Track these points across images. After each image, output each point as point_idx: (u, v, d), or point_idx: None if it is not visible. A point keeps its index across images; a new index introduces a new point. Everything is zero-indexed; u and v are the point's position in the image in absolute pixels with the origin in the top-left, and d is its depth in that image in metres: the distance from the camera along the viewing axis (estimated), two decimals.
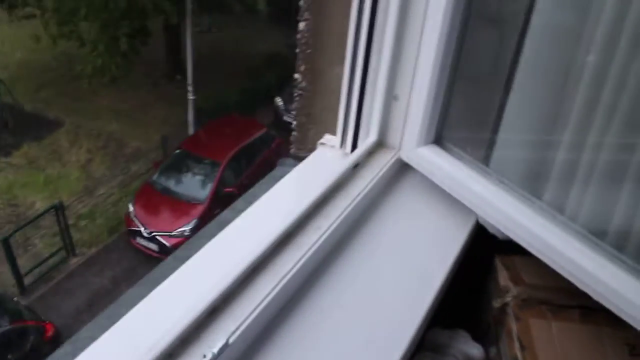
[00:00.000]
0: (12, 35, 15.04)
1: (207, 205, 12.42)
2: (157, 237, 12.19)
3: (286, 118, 16.23)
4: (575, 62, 1.27)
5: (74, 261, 12.69)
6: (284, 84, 16.91)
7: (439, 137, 1.50)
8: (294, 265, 1.12)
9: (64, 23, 13.74)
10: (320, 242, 1.19)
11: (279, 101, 16.53)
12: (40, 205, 13.76)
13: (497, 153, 1.47)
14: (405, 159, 1.52)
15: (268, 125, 15.18)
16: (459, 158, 1.48)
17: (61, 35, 13.99)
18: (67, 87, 17.80)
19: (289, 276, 1.10)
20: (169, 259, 1.59)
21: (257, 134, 14.27)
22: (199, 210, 12.38)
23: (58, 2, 13.24)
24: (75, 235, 12.87)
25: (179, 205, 12.58)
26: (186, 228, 12.13)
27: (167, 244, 12.10)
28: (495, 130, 1.49)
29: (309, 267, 1.17)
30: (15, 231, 11.95)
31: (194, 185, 12.90)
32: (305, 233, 1.21)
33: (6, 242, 11.25)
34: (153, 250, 12.36)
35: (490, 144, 1.50)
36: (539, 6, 1.31)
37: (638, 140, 1.21)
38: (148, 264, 12.35)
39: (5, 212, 13.84)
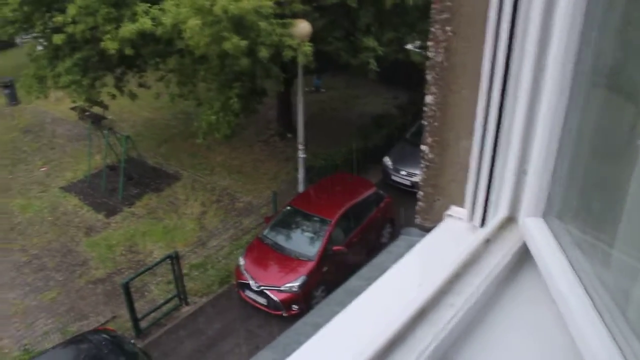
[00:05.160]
0: (140, 96, 16.26)
1: (316, 262, 12.52)
2: (266, 291, 12.38)
3: (394, 178, 16.28)
4: None
5: (185, 309, 13.14)
6: (393, 144, 17.03)
7: (569, 213, 1.47)
8: (430, 343, 1.13)
9: (184, 84, 14.67)
10: (455, 319, 1.20)
11: (387, 161, 16.62)
12: (157, 254, 14.49)
13: (625, 227, 1.42)
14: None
15: (376, 185, 15.24)
16: (586, 232, 1.44)
17: (180, 95, 14.93)
18: (185, 144, 18.88)
19: (425, 354, 1.11)
20: (299, 324, 1.64)
21: (367, 193, 14.33)
22: (307, 267, 12.49)
23: (180, 64, 14.17)
24: (188, 284, 13.37)
25: (288, 261, 12.76)
26: (294, 284, 12.26)
27: (275, 298, 12.27)
28: (621, 202, 1.44)
29: (444, 346, 1.18)
30: (135, 277, 12.59)
31: (303, 242, 13.07)
32: (438, 309, 1.22)
33: (126, 286, 11.86)
34: (261, 304, 12.57)
35: (617, 218, 1.45)
36: None
37: None
38: (256, 317, 12.59)
39: (126, 258, 14.67)
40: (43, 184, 17.87)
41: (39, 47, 16.00)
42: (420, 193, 1.83)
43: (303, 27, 12.52)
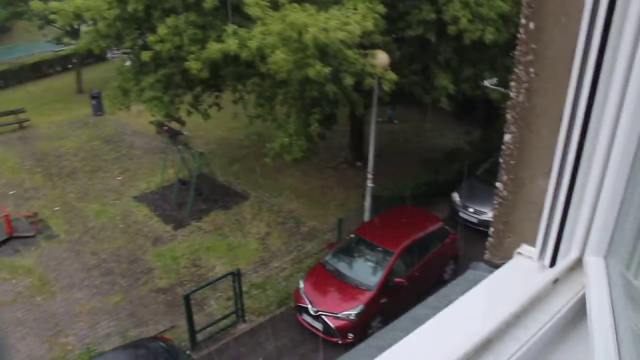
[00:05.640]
0: (215, 115, 16.78)
1: (375, 292, 12.44)
2: (323, 316, 12.37)
3: (462, 214, 16.03)
4: None
5: (242, 327, 13.29)
6: (462, 180, 16.80)
7: (630, 256, 1.46)
8: None
9: (262, 105, 15.01)
10: (519, 353, 1.22)
11: (455, 197, 16.41)
12: (219, 269, 14.77)
13: None
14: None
15: (443, 220, 15.05)
16: None
17: (258, 116, 15.27)
18: (256, 164, 19.21)
19: None
20: (362, 346, 1.68)
21: (432, 228, 14.18)
22: (366, 296, 12.42)
23: (259, 87, 14.52)
24: (247, 302, 13.53)
25: (348, 288, 12.72)
26: (352, 312, 12.21)
27: (331, 325, 12.24)
28: None
29: None
30: (196, 289, 12.87)
31: (364, 271, 13.02)
32: (503, 342, 1.24)
33: (187, 298, 12.12)
34: (317, 329, 12.55)
35: None
36: None
37: None
38: (310, 341, 12.58)
39: (189, 271, 15.02)
40: (118, 192, 18.60)
41: (127, 63, 16.80)
42: (491, 229, 1.85)
43: (382, 58, 12.64)
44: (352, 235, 14.02)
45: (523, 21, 1.72)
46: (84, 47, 15.73)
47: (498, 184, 1.80)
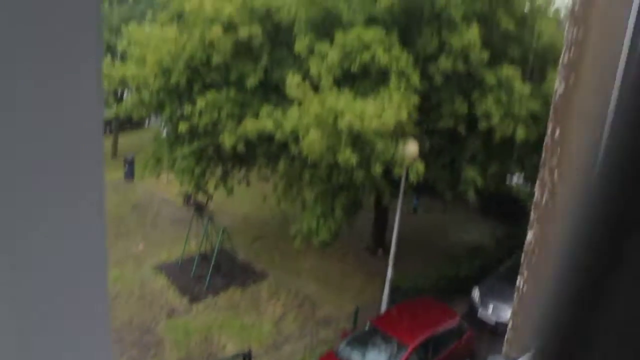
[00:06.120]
0: (242, 191, 16.99)
1: None
2: None
3: (479, 313, 15.60)
4: None
5: None
6: (484, 278, 16.54)
7: None
8: None
9: (290, 186, 15.20)
10: None
11: (475, 294, 16.09)
12: (230, 349, 14.54)
13: None
14: None
15: (461, 317, 14.73)
16: None
17: (285, 198, 15.44)
18: (278, 244, 19.23)
19: None
20: None
21: (449, 323, 13.89)
22: None
23: (289, 167, 14.76)
24: None
25: None
26: None
27: None
28: None
29: None
30: None
31: None
32: None
33: None
34: None
35: None
36: None
37: None
38: None
39: (199, 348, 14.81)
40: (138, 260, 18.66)
41: (164, 132, 17.30)
42: (510, 323, 1.88)
43: (412, 148, 12.83)
44: (367, 326, 13.78)
45: (549, 127, 1.83)
46: (126, 111, 16.30)
47: (518, 280, 1.85)
